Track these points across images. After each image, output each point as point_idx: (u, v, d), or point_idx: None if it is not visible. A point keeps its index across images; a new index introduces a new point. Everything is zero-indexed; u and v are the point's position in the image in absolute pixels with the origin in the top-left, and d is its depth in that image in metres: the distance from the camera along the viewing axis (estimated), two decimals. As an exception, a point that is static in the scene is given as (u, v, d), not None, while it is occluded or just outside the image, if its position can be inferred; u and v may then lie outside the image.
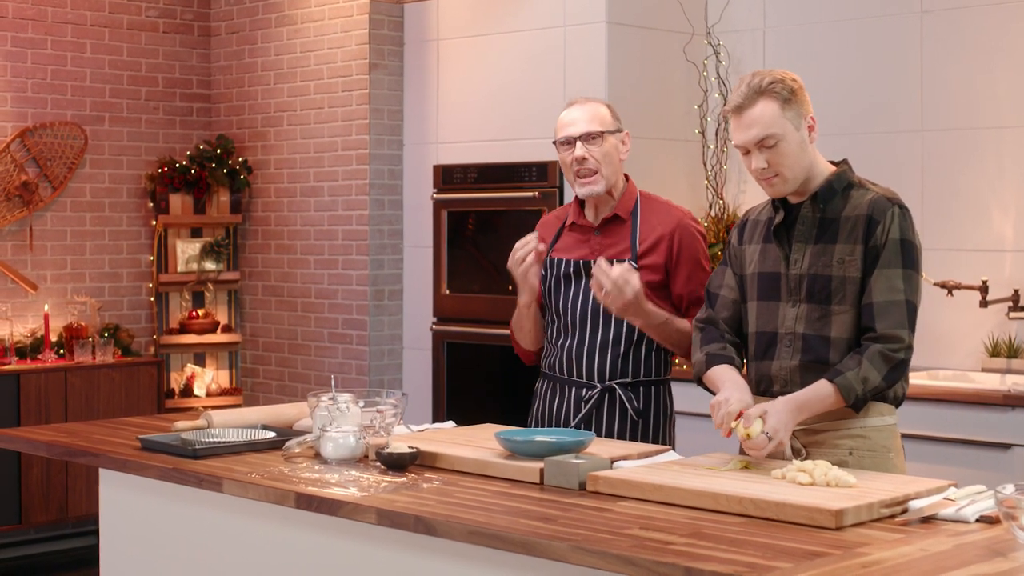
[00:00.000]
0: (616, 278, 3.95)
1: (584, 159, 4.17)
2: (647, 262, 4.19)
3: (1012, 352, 5.86)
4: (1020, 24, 5.93)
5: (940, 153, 6.14)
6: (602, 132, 4.19)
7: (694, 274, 4.21)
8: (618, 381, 4.22)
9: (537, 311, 4.35)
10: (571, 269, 4.27)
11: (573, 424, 4.23)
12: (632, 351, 4.22)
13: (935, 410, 5.35)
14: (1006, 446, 5.20)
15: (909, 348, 3.52)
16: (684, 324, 4.15)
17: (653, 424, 4.25)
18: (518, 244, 4.22)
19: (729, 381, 3.62)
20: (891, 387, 3.54)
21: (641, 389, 4.24)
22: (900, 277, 3.52)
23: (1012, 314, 5.85)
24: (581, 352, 4.24)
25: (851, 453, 3.56)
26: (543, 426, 4.31)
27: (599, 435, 4.18)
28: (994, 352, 5.90)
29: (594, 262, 4.06)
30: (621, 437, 4.19)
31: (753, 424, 3.41)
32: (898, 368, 3.51)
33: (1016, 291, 5.84)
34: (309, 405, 3.85)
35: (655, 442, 4.22)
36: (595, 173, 4.18)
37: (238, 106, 8.25)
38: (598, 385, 4.22)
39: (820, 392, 3.49)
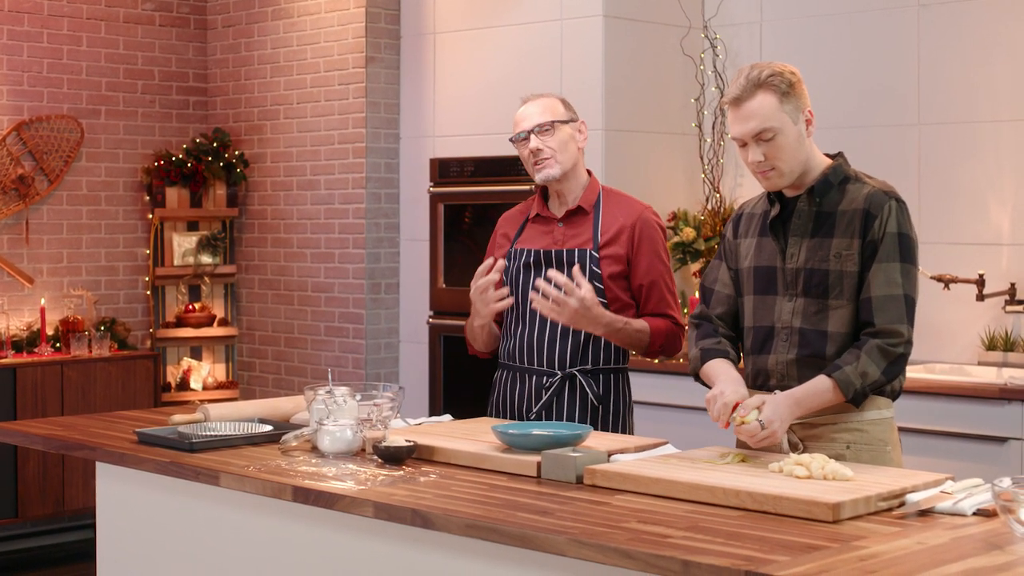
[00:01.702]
0: (563, 284, 4.04)
1: (539, 150, 4.29)
2: (608, 252, 4.28)
3: (1008, 346, 5.86)
4: (1017, 18, 5.93)
5: (937, 147, 6.14)
6: (553, 122, 4.31)
7: (653, 265, 4.30)
8: (578, 368, 4.28)
9: (492, 327, 4.45)
10: (532, 259, 4.36)
11: (534, 411, 4.28)
12: (592, 339, 4.28)
13: (931, 404, 5.35)
14: (1002, 439, 5.20)
15: (908, 343, 3.52)
16: (641, 324, 4.25)
17: (613, 412, 4.32)
18: (479, 273, 4.30)
19: (723, 375, 3.63)
20: (890, 381, 3.55)
21: (601, 376, 4.31)
22: (898, 271, 3.52)
23: (1008, 308, 5.86)
24: (542, 340, 4.31)
25: (849, 447, 3.56)
26: (503, 415, 4.39)
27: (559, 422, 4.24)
28: (990, 346, 5.91)
29: (545, 275, 4.16)
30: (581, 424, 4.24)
31: (750, 413, 3.43)
32: (897, 362, 3.51)
33: (1013, 285, 5.84)
34: (306, 398, 3.86)
35: (614, 430, 4.30)
36: (550, 158, 4.29)
37: (234, 99, 8.24)
38: (559, 372, 4.27)
39: (818, 387, 3.49)
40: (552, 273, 4.08)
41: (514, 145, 4.39)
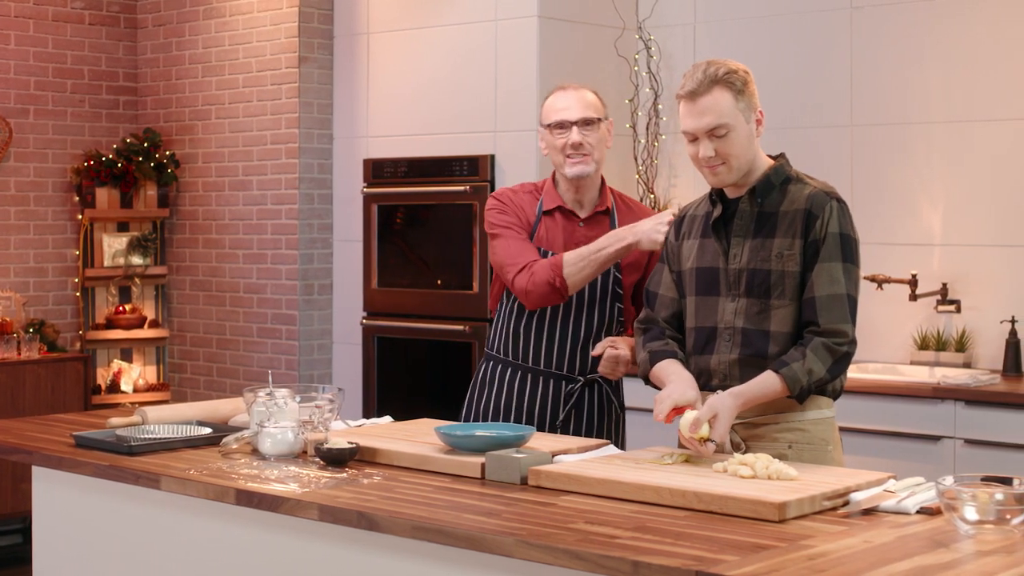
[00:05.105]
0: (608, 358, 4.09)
1: (580, 144, 4.19)
2: (628, 260, 4.22)
3: (940, 345, 5.92)
4: (948, 20, 5.99)
5: (869, 148, 6.19)
6: (598, 119, 4.23)
7: None
8: (599, 374, 4.23)
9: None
10: None
11: (560, 420, 4.23)
12: None
13: (866, 403, 5.40)
14: (935, 438, 5.26)
15: (853, 342, 3.55)
16: None
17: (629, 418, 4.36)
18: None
19: (675, 375, 3.64)
20: (835, 379, 3.57)
21: (619, 383, 4.32)
22: (840, 271, 3.54)
23: (940, 307, 5.92)
24: (564, 344, 4.25)
25: (790, 446, 3.58)
26: (514, 419, 4.28)
27: (581, 428, 4.23)
28: (923, 345, 5.97)
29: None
30: (600, 431, 4.24)
31: (701, 428, 3.42)
32: (842, 361, 3.54)
33: (944, 285, 5.91)
34: (246, 400, 3.82)
35: (618, 436, 4.29)
36: (588, 155, 4.21)
37: (165, 99, 8.17)
38: (580, 379, 4.25)
39: (766, 383, 3.50)
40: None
41: (546, 131, 4.25)
